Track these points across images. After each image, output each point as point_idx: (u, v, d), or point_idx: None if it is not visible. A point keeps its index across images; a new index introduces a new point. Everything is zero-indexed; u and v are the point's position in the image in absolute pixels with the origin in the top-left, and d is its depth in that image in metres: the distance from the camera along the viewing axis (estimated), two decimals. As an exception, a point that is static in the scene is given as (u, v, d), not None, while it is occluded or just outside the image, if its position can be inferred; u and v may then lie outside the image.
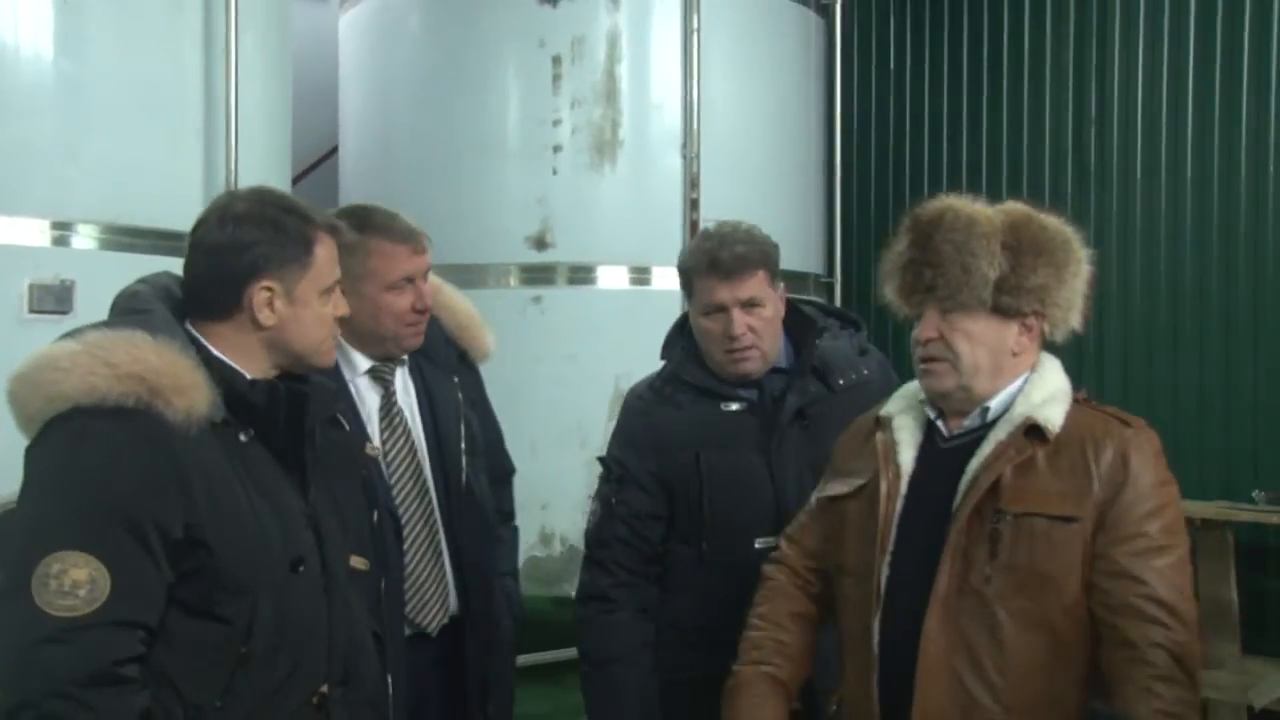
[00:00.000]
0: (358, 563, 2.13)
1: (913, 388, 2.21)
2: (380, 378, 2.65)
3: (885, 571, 2.07)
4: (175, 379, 1.82)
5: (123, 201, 3.78)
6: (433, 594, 2.64)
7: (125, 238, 3.78)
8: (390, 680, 2.44)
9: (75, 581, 1.73)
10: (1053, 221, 2.11)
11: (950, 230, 2.05)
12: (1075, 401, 2.09)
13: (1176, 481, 2.06)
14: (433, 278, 2.72)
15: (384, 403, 2.63)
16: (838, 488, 2.25)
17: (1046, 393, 2.07)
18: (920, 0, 6.67)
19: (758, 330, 2.62)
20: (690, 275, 2.68)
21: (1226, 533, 5.37)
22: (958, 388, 2.08)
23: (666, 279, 5.20)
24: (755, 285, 2.62)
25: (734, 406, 2.67)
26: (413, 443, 2.65)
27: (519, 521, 3.08)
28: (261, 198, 2.02)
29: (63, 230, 3.69)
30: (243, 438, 1.94)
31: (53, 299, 3.58)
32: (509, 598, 2.87)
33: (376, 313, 2.56)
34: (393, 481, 2.60)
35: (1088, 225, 6.03)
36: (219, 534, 1.84)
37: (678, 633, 2.69)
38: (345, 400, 2.51)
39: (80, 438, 1.80)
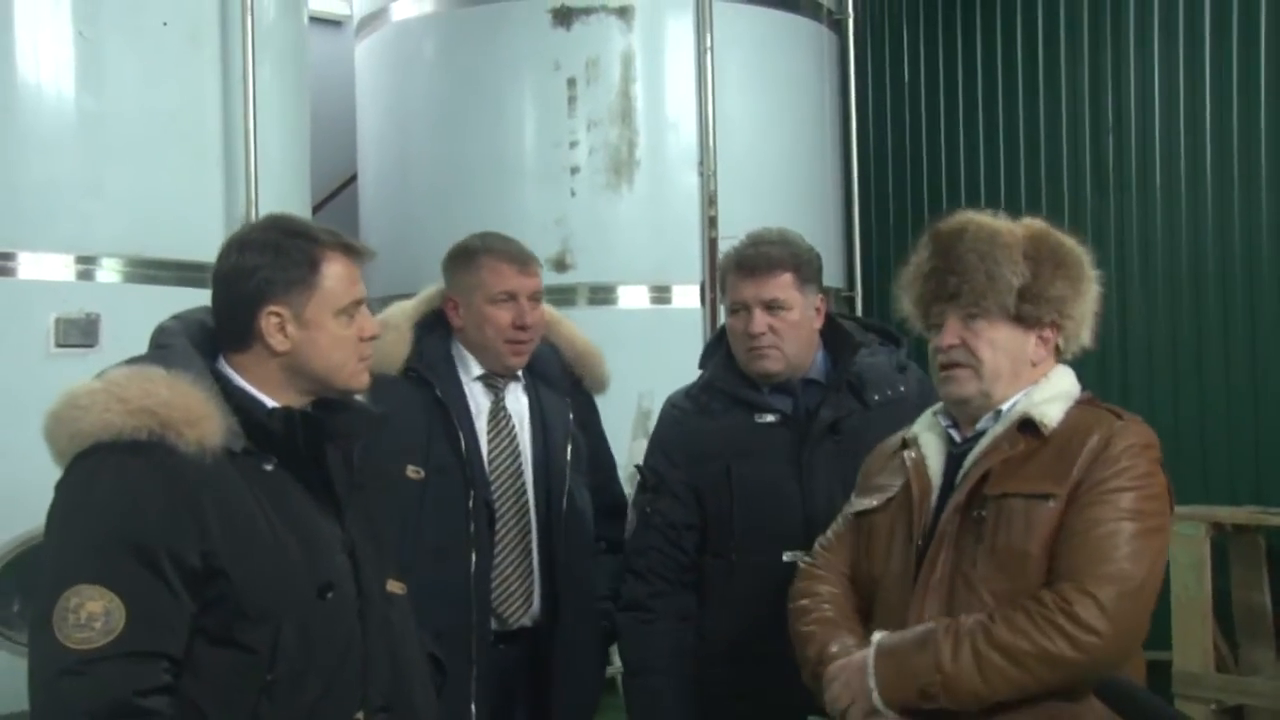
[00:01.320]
0: (395, 587, 2.13)
1: (932, 409, 2.28)
2: (491, 385, 2.82)
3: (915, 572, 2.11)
4: (186, 411, 1.84)
5: (145, 234, 3.82)
6: (517, 589, 2.75)
7: (149, 270, 3.81)
8: (474, 657, 2.60)
9: (91, 614, 1.75)
10: (1068, 239, 2.20)
11: (974, 240, 2.12)
12: (1079, 402, 2.14)
13: (1166, 481, 2.07)
14: (551, 311, 2.94)
15: (493, 407, 2.81)
16: (867, 503, 2.28)
17: (1050, 393, 2.13)
18: (933, 13, 6.69)
19: (779, 331, 2.65)
20: (724, 275, 2.76)
21: (1259, 538, 5.33)
22: (979, 393, 2.13)
23: (687, 297, 5.23)
24: (779, 286, 2.65)
25: (768, 418, 2.70)
26: (517, 447, 2.80)
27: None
28: (269, 223, 2.04)
29: (87, 264, 3.72)
30: (267, 466, 1.94)
31: (79, 333, 3.61)
32: (604, 616, 2.90)
33: (481, 323, 2.76)
34: (492, 478, 2.73)
35: (1108, 235, 6.03)
36: (238, 562, 1.84)
37: (707, 645, 2.70)
38: (457, 399, 2.73)
39: (95, 473, 1.84)
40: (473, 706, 2.58)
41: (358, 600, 2.00)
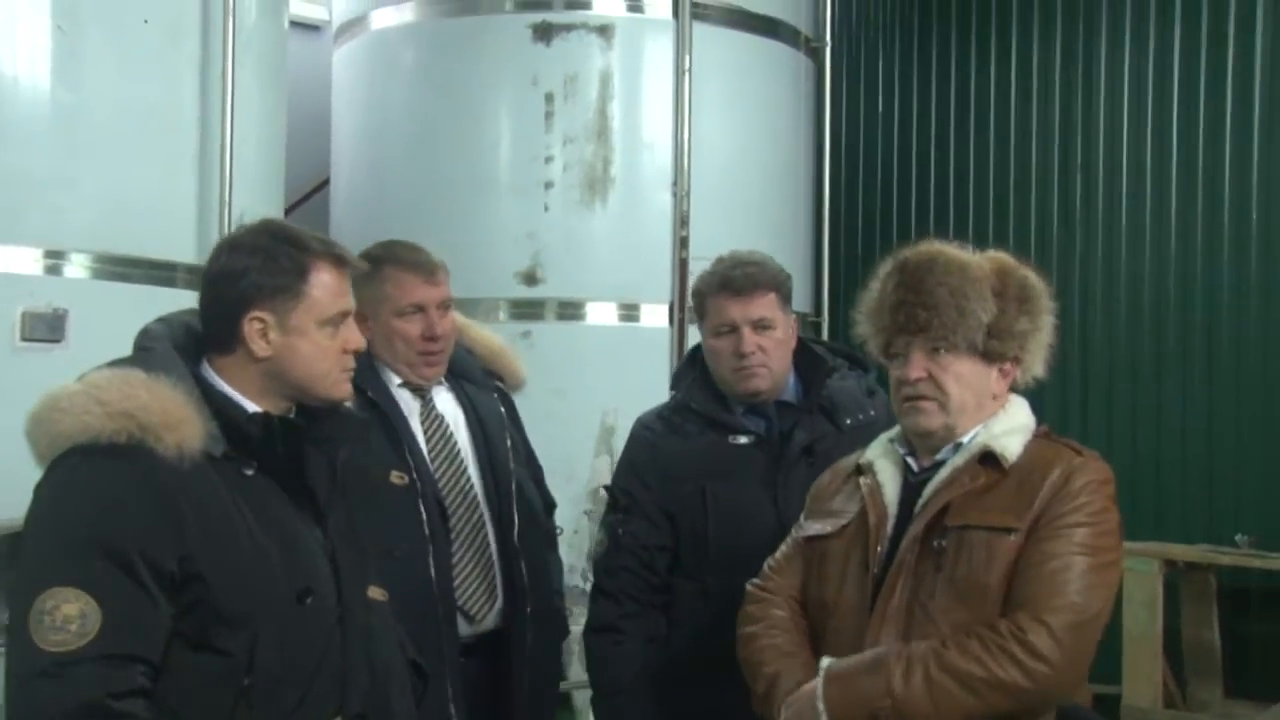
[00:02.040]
0: (376, 593, 2.12)
1: (887, 435, 2.29)
2: (417, 390, 2.77)
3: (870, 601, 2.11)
4: (165, 415, 1.83)
5: (116, 230, 3.79)
6: (479, 585, 2.71)
7: (119, 267, 3.79)
8: (446, 658, 2.56)
9: (66, 617, 1.75)
10: (1031, 273, 2.21)
11: (944, 274, 2.12)
12: (1036, 436, 2.17)
13: (1119, 517, 2.10)
14: (457, 315, 2.85)
15: (423, 409, 2.75)
16: (819, 527, 2.28)
17: (1008, 426, 2.15)
18: (909, 46, 6.77)
19: (768, 350, 2.67)
20: (703, 296, 2.75)
21: (1210, 576, 5.40)
22: (943, 426, 2.15)
23: (655, 316, 5.25)
24: (766, 306, 2.68)
25: (741, 440, 2.71)
26: (455, 445, 2.75)
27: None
28: (261, 228, 2.03)
29: (56, 259, 3.70)
30: (247, 471, 1.93)
31: (45, 327, 3.59)
32: (555, 612, 2.92)
33: (390, 337, 2.70)
34: (437, 476, 2.69)
35: (1072, 270, 6.11)
36: (215, 567, 1.84)
37: (677, 666, 2.70)
38: (388, 403, 2.67)
39: (73, 475, 1.83)
40: (451, 707, 2.57)
41: (338, 607, 1.99)
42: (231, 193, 4.02)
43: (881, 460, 2.24)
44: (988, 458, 2.09)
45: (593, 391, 5.05)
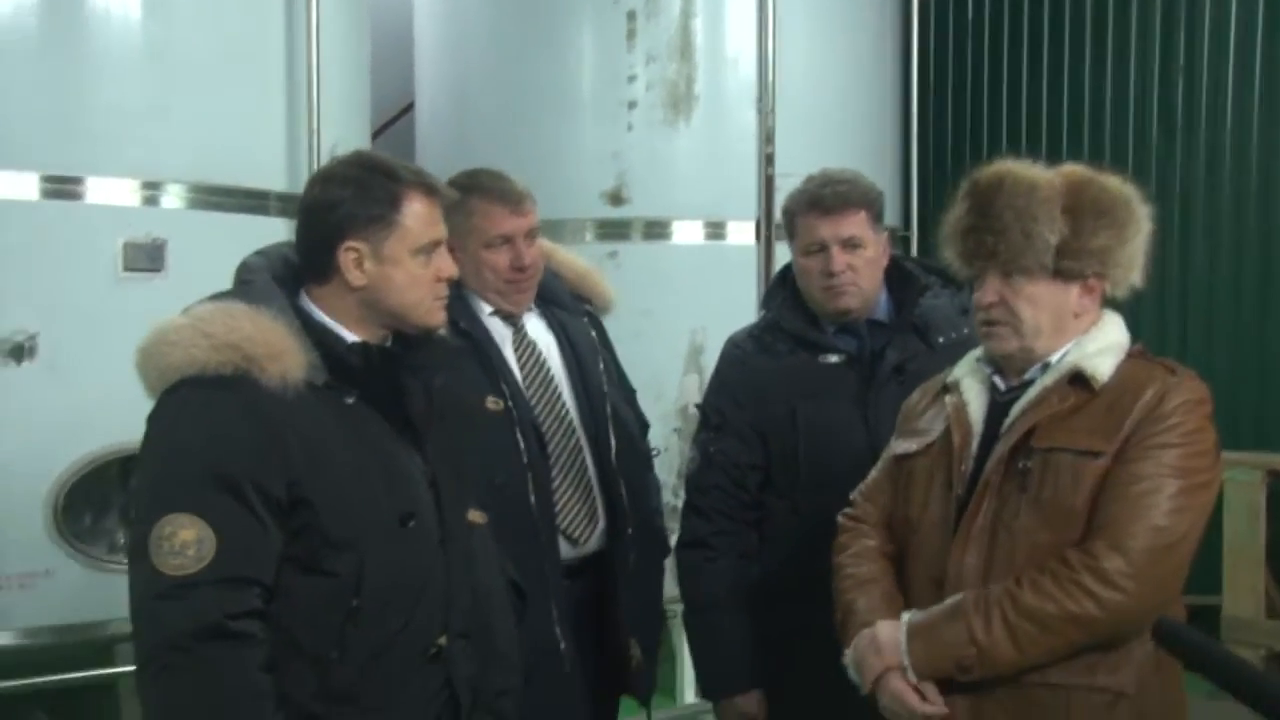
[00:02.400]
0: (475, 517, 2.17)
1: (974, 354, 2.26)
2: (508, 318, 2.79)
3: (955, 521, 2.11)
4: (268, 346, 1.89)
5: (209, 161, 3.85)
6: (580, 509, 2.75)
7: (213, 196, 3.86)
8: (550, 581, 2.60)
9: (184, 542, 1.83)
10: (1113, 182, 2.13)
11: (1011, 196, 2.07)
12: (1130, 355, 2.11)
13: (1216, 437, 2.06)
14: (545, 242, 2.86)
15: (515, 336, 2.79)
16: (906, 446, 2.28)
17: (1101, 345, 2.10)
18: (1000, -48, 6.57)
19: (857, 269, 2.66)
20: (793, 215, 2.73)
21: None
22: (1019, 350, 2.12)
23: (741, 234, 5.21)
24: (856, 224, 2.66)
25: (832, 359, 2.71)
26: (549, 371, 2.78)
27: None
28: (354, 159, 2.08)
29: (152, 190, 3.78)
30: (348, 399, 1.99)
31: (145, 258, 3.67)
32: (656, 531, 2.95)
33: (478, 269, 2.72)
34: (532, 403, 2.71)
35: (1173, 179, 5.94)
36: (321, 493, 1.90)
37: (768, 583, 2.74)
38: (481, 334, 2.70)
39: (183, 408, 1.91)
40: (557, 629, 2.62)
41: (439, 530, 2.05)
42: (319, 121, 4.06)
43: (968, 379, 2.21)
44: (1078, 378, 2.05)
45: (680, 311, 5.06)
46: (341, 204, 1.98)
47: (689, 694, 4.98)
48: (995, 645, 1.96)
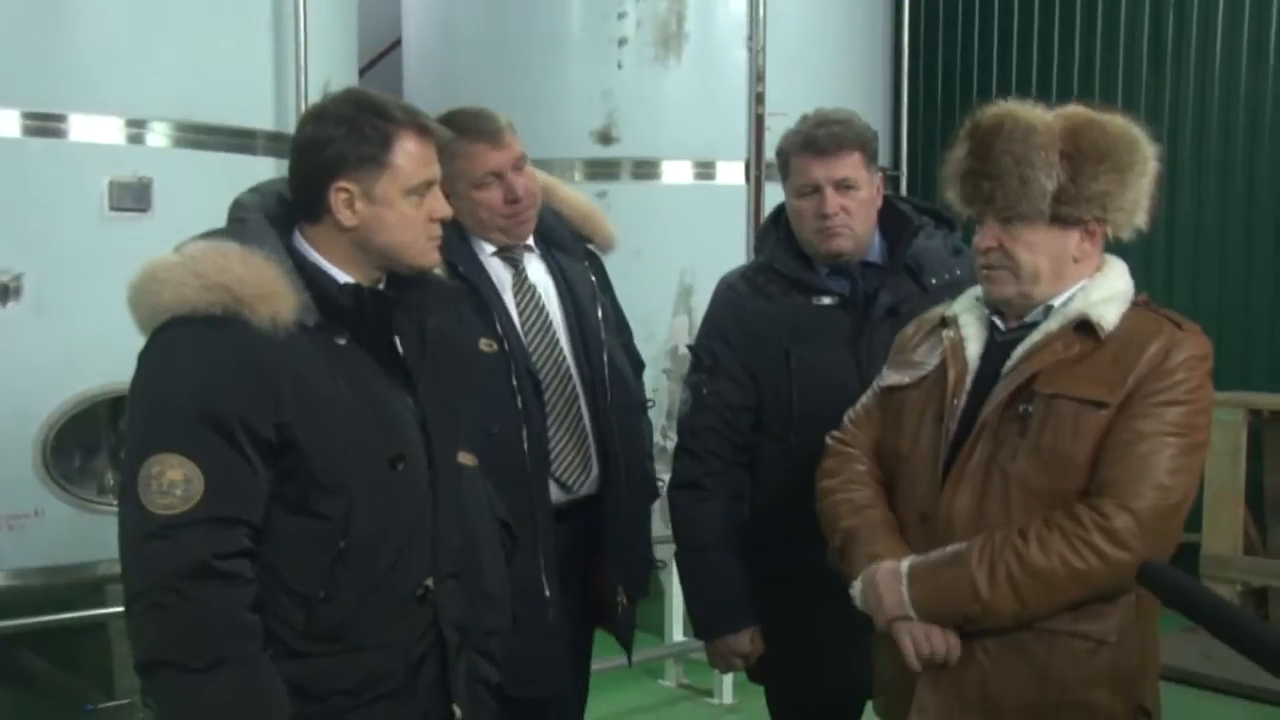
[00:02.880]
0: (466, 459, 2.17)
1: (974, 291, 2.25)
2: (510, 259, 2.77)
3: (945, 457, 2.12)
4: (259, 286, 1.87)
5: (195, 98, 3.79)
6: (574, 457, 2.75)
7: (198, 135, 3.80)
8: (539, 529, 2.60)
9: (172, 481, 1.83)
10: (1116, 123, 2.09)
11: (1009, 140, 2.05)
12: (1135, 304, 2.10)
13: (1213, 393, 2.06)
14: (544, 176, 2.84)
15: (515, 279, 2.77)
16: (898, 378, 2.28)
17: (1106, 293, 2.08)
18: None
19: (850, 211, 2.65)
20: (787, 156, 2.72)
21: (1296, 426, 5.35)
22: (1018, 294, 2.11)
23: (731, 173, 5.19)
24: (850, 165, 2.64)
25: (825, 300, 2.70)
26: (547, 316, 2.77)
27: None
28: (345, 97, 2.04)
29: (137, 128, 3.73)
30: (339, 340, 1.98)
31: (132, 197, 3.62)
32: (647, 478, 2.97)
33: (473, 209, 2.70)
34: (530, 349, 2.71)
35: (1162, 116, 5.93)
36: (310, 434, 1.90)
37: (760, 525, 2.75)
38: (480, 277, 2.68)
39: (171, 346, 1.90)
40: (544, 578, 2.63)
41: (429, 472, 2.05)
42: (307, 58, 4.01)
43: (967, 315, 2.21)
44: (1083, 325, 2.04)
45: (670, 251, 5.04)
46: (332, 143, 1.95)
47: (677, 632, 5.04)
48: (999, 600, 1.97)
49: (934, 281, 2.69)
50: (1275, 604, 5.23)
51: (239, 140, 3.87)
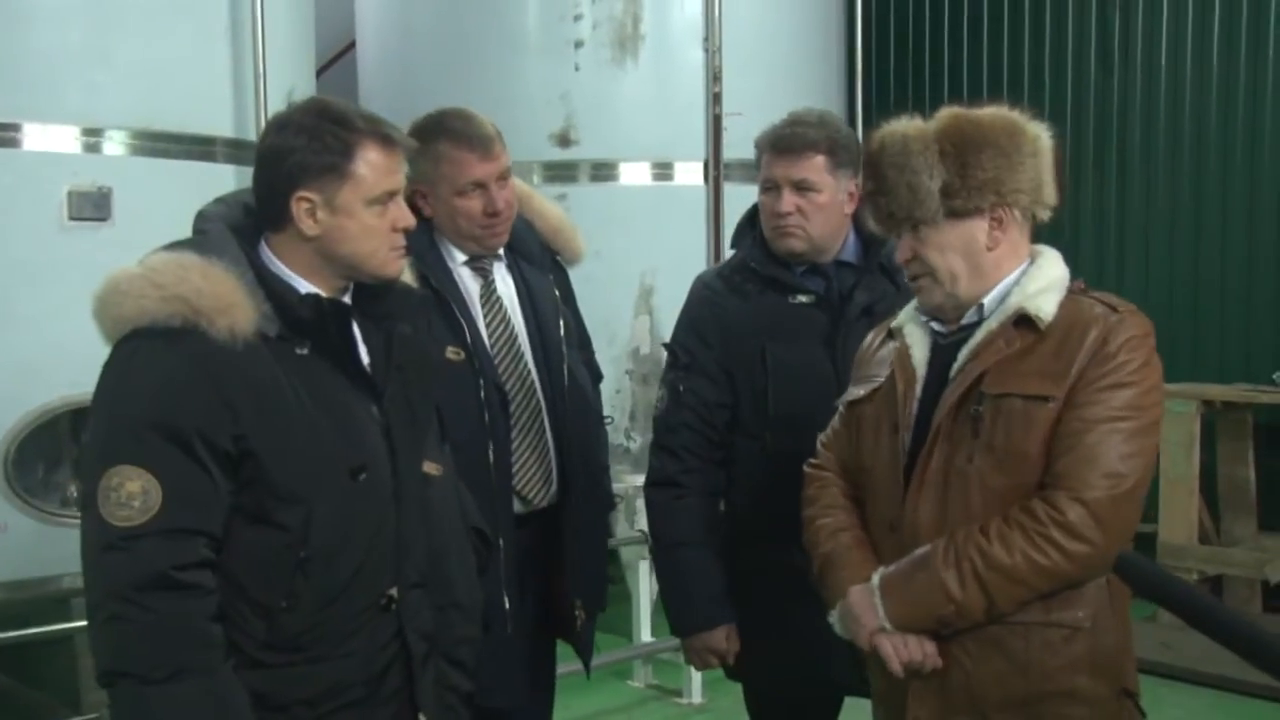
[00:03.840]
0: (430, 468, 2.17)
1: (914, 303, 2.27)
2: (479, 269, 2.76)
3: (904, 464, 2.15)
4: (217, 299, 1.87)
5: (153, 106, 3.76)
6: (536, 472, 2.75)
7: (157, 143, 3.77)
8: (501, 545, 2.58)
9: (130, 493, 1.83)
10: (988, 113, 2.13)
11: (890, 154, 2.10)
12: (1070, 292, 2.13)
13: (1162, 368, 2.09)
14: (521, 185, 2.82)
15: (484, 290, 2.76)
16: (856, 392, 2.32)
17: (1042, 284, 2.10)
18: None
19: (805, 212, 2.67)
20: (759, 152, 2.74)
21: (1247, 415, 5.45)
22: (945, 297, 2.14)
23: (689, 174, 5.21)
24: (810, 168, 2.66)
25: (801, 299, 2.72)
26: (513, 329, 2.76)
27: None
28: (309, 106, 2.03)
29: (94, 137, 3.69)
30: (301, 350, 1.97)
31: (91, 206, 3.58)
32: (605, 492, 2.99)
33: (452, 215, 2.68)
34: (497, 362, 2.70)
35: (1110, 111, 6.02)
36: (269, 445, 1.90)
37: (737, 523, 2.77)
38: (450, 287, 2.66)
39: (130, 358, 1.89)
40: (504, 591, 2.62)
41: (392, 481, 2.04)
42: (265, 63, 3.98)
43: (910, 324, 2.24)
44: (1023, 319, 2.07)
45: (630, 252, 5.05)
46: (294, 152, 1.95)
47: (645, 633, 5.06)
48: (970, 600, 2.00)
49: (908, 281, 2.73)
50: (1230, 592, 5.33)
51: (198, 147, 3.85)
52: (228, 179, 3.76)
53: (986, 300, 2.12)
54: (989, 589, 2.00)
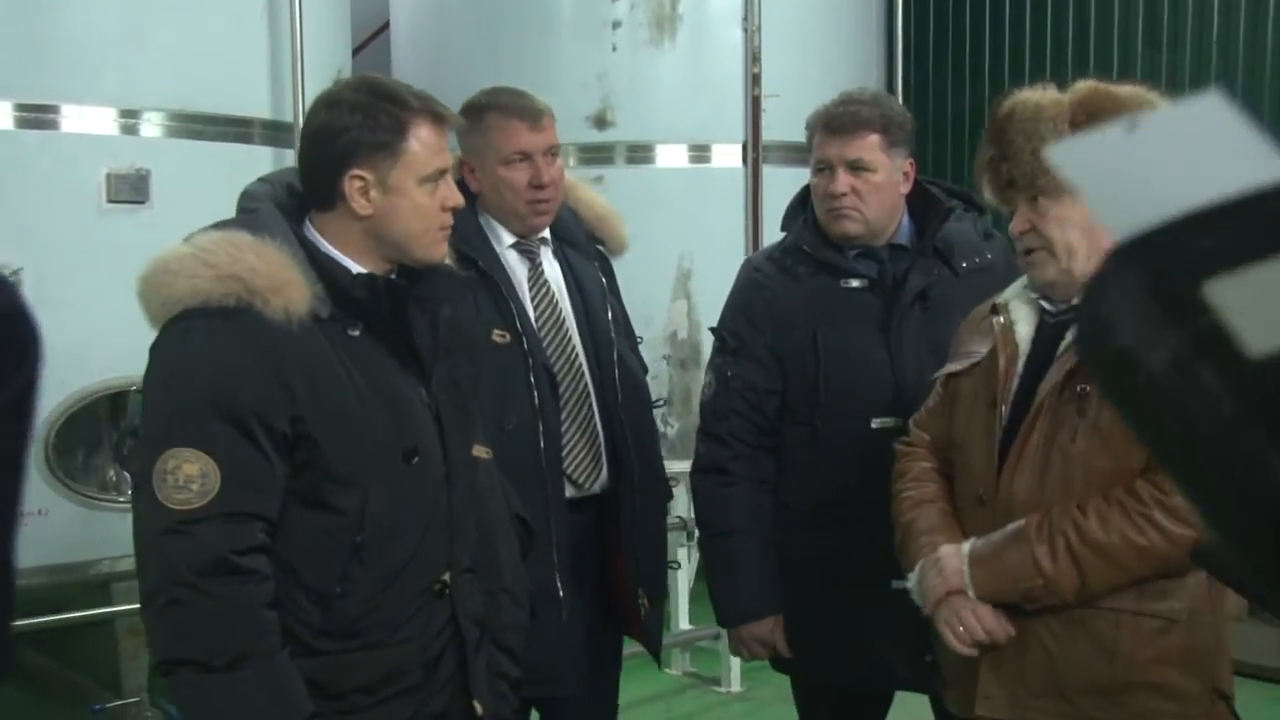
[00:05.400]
0: (480, 451, 2.15)
1: (1024, 279, 2.25)
2: (527, 251, 2.74)
3: (999, 439, 2.12)
4: (271, 278, 1.85)
5: (190, 87, 3.73)
6: (586, 455, 2.73)
7: (194, 124, 3.74)
8: (553, 527, 2.57)
9: (188, 476, 1.81)
10: (1125, 89, 2.11)
11: (1020, 120, 2.07)
12: None
13: None
14: (569, 175, 2.83)
15: (532, 273, 2.75)
16: (953, 366, 2.28)
17: None
18: None
19: (861, 193, 2.61)
20: (811, 133, 2.69)
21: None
22: (1059, 274, 2.11)
23: (727, 156, 5.15)
24: (865, 147, 2.61)
25: (854, 283, 2.67)
26: (560, 312, 2.75)
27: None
28: (360, 84, 2.02)
29: (131, 118, 3.67)
30: (353, 332, 1.95)
31: (130, 188, 3.55)
32: (661, 477, 2.96)
33: (497, 186, 2.67)
34: (545, 346, 2.69)
35: (1158, 88, 5.90)
36: (325, 428, 1.88)
37: (787, 511, 2.72)
38: (498, 269, 2.66)
39: (185, 339, 1.87)
40: (557, 577, 2.60)
41: (444, 465, 2.02)
42: (302, 44, 3.95)
43: (1016, 300, 2.21)
44: None
45: (667, 236, 5.00)
46: (347, 130, 1.93)
47: (683, 621, 5.02)
48: (1061, 576, 1.97)
49: (964, 265, 2.67)
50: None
51: (235, 129, 3.81)
52: (265, 161, 3.73)
53: None
54: (1082, 566, 1.96)
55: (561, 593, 2.61)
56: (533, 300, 2.72)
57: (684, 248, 5.04)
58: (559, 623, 2.60)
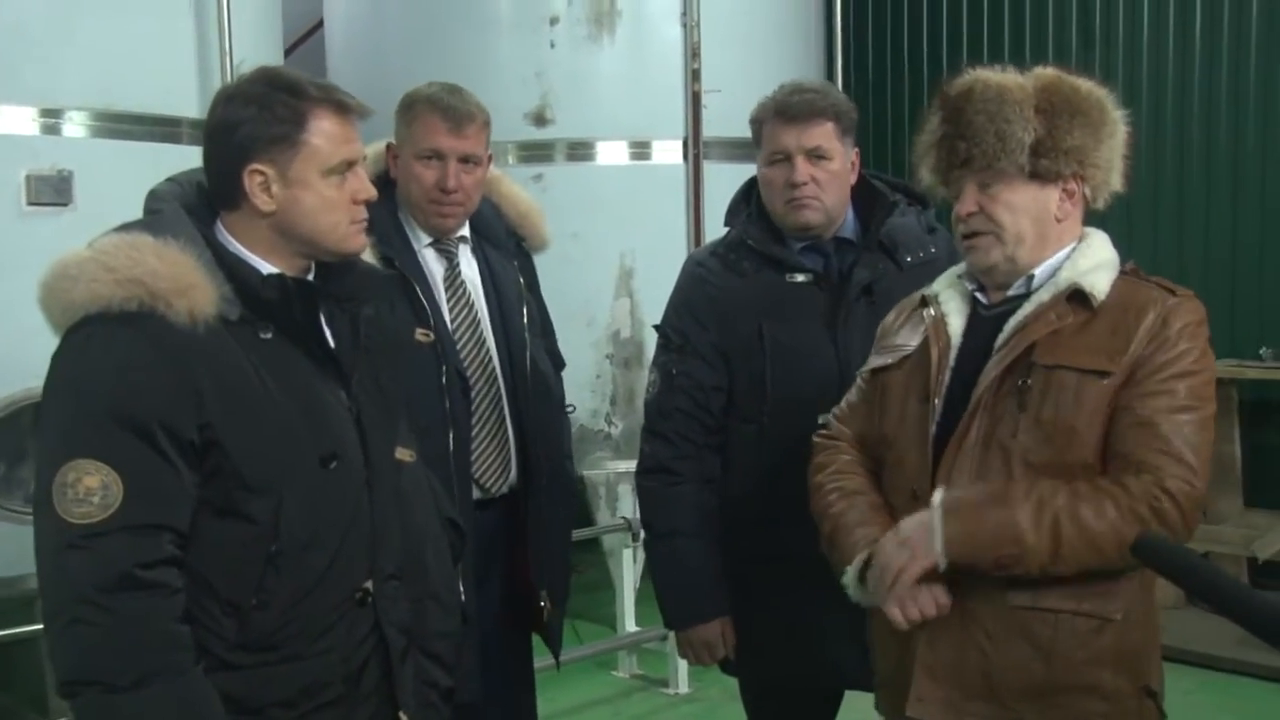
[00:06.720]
0: (404, 454, 2.08)
1: (955, 270, 2.22)
2: (444, 251, 2.71)
3: (933, 433, 2.07)
4: (174, 280, 1.78)
5: (115, 86, 3.63)
6: (495, 459, 2.70)
7: (119, 124, 3.64)
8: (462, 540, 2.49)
9: (89, 489, 1.73)
10: (1084, 83, 2.10)
11: (982, 100, 2.04)
12: (1123, 273, 2.08)
13: (1213, 355, 2.05)
14: (493, 170, 2.79)
15: (448, 273, 2.71)
16: (880, 360, 2.24)
17: (1094, 261, 2.06)
18: None
19: (821, 182, 2.57)
20: (759, 123, 2.64)
21: (1232, 390, 5.42)
22: (1004, 259, 2.07)
23: (668, 153, 5.11)
24: (822, 135, 2.57)
25: (799, 278, 2.62)
26: (476, 314, 2.72)
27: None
28: (257, 76, 1.93)
29: (53, 118, 3.56)
30: (265, 334, 1.88)
31: (51, 190, 3.46)
32: (572, 474, 2.94)
33: (408, 179, 2.65)
34: (459, 348, 2.65)
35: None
36: (234, 434, 1.80)
37: (733, 510, 2.67)
38: (414, 269, 2.62)
39: (86, 346, 1.79)
40: (460, 583, 2.56)
41: (365, 469, 1.96)
42: (231, 41, 3.86)
43: (947, 292, 2.17)
44: (1075, 295, 2.01)
45: (608, 233, 4.96)
46: (243, 124, 1.85)
47: (630, 623, 4.98)
48: (1039, 548, 1.91)
49: (909, 259, 2.64)
50: (1216, 568, 5.30)
51: (163, 129, 3.72)
52: (193, 162, 3.54)
53: (1038, 272, 2.06)
54: (1062, 545, 1.91)
55: (463, 595, 2.56)
56: (449, 301, 2.68)
57: (626, 245, 5.00)
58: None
